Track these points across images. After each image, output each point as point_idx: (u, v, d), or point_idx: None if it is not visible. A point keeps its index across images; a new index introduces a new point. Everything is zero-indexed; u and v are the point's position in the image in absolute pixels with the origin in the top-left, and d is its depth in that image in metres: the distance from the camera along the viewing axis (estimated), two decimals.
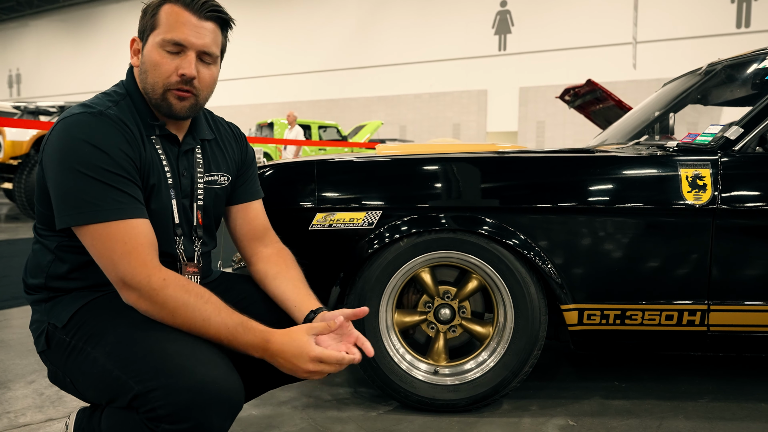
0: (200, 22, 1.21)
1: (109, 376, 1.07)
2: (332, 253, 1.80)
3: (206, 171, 1.34)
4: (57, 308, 1.21)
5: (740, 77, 2.32)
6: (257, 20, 23.33)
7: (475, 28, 19.91)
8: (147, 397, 1.02)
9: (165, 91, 1.21)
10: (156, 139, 1.25)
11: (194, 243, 1.32)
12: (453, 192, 1.78)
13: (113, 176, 1.12)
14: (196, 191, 1.31)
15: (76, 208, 1.10)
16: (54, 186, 1.13)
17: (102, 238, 1.10)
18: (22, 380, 2.08)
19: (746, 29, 16.54)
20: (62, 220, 1.12)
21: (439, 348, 1.86)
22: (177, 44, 1.19)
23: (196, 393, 1.01)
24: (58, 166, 1.12)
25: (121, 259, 1.10)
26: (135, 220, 1.13)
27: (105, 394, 1.10)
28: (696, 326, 1.77)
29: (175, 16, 1.19)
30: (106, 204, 1.10)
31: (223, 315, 1.12)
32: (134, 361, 1.06)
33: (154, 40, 1.20)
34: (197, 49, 1.20)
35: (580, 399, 1.95)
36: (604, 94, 4.21)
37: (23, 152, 6.91)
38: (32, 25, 31.18)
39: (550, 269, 1.75)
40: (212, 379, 1.03)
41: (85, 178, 1.10)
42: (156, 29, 1.20)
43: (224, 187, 1.38)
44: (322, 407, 1.88)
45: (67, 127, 1.13)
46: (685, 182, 1.71)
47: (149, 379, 1.03)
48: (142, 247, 1.11)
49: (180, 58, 1.20)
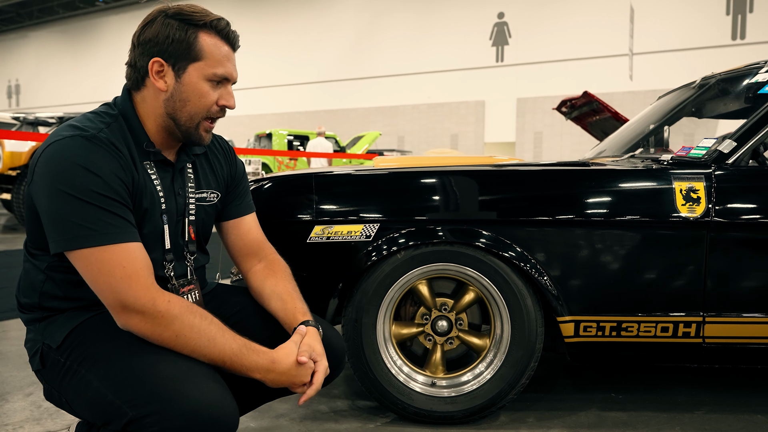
0: (233, 54, 1.25)
1: (103, 400, 1.07)
2: (330, 265, 1.81)
3: (197, 188, 1.34)
4: (51, 328, 1.20)
5: (733, 91, 2.35)
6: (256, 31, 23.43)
7: (473, 39, 20.02)
8: (141, 423, 1.03)
9: (202, 120, 1.23)
10: (149, 164, 1.23)
11: (186, 259, 1.32)
12: (450, 205, 1.79)
13: (107, 200, 1.10)
14: (188, 207, 1.31)
15: (69, 232, 1.08)
16: (46, 210, 1.10)
17: (98, 263, 1.08)
18: (19, 392, 2.08)
19: (741, 41, 16.65)
20: (56, 244, 1.10)
21: (437, 360, 1.87)
22: (225, 78, 1.23)
23: (189, 419, 1.02)
24: (50, 190, 1.09)
25: (121, 283, 1.08)
26: (131, 244, 1.11)
27: (100, 416, 1.10)
28: (691, 338, 1.78)
29: (218, 49, 1.21)
30: (101, 228, 1.08)
31: (227, 336, 1.13)
32: (128, 386, 1.06)
33: (201, 72, 1.20)
34: (234, 81, 1.25)
35: (577, 411, 1.96)
36: (601, 106, 4.24)
37: (22, 163, 6.92)
38: (32, 36, 31.27)
39: (547, 281, 1.76)
40: (206, 404, 1.04)
41: (79, 202, 1.08)
42: (200, 60, 1.20)
43: (213, 205, 1.38)
44: (320, 419, 1.88)
45: (58, 150, 1.10)
46: (679, 195, 1.73)
47: (143, 404, 1.03)
48: (142, 271, 1.10)
49: (219, 89, 1.23)
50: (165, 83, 1.20)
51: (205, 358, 1.11)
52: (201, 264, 1.38)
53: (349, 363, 1.80)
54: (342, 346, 1.40)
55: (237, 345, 1.13)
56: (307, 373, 1.20)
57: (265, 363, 1.15)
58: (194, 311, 1.13)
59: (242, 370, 1.13)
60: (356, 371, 1.83)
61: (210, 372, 1.11)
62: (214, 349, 1.11)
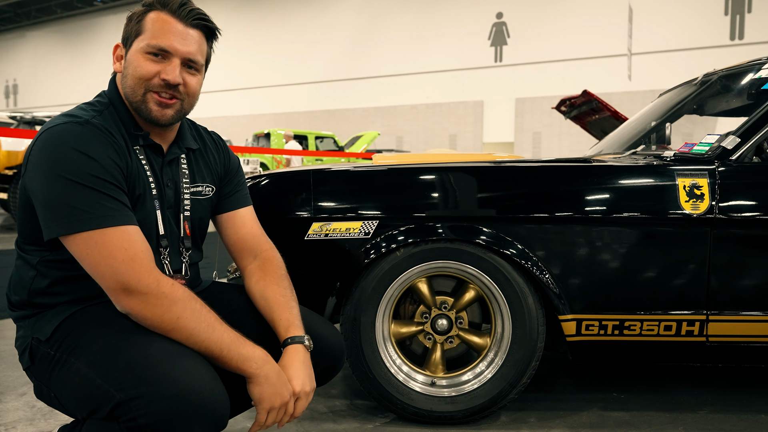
0: (186, 30, 1.21)
1: (91, 385, 1.05)
2: (328, 263, 1.78)
3: (192, 182, 1.33)
4: (40, 322, 1.19)
5: (736, 87, 2.33)
6: (254, 31, 23.42)
7: (472, 39, 20.02)
8: (128, 406, 0.99)
9: (145, 92, 1.20)
10: (140, 149, 1.23)
11: (182, 255, 1.31)
12: (450, 202, 1.77)
13: (104, 183, 1.09)
14: (183, 202, 1.30)
15: (66, 216, 1.07)
16: (41, 196, 1.09)
17: (98, 246, 1.07)
18: (13, 392, 2.05)
19: (740, 41, 16.66)
20: (51, 230, 1.08)
21: (437, 359, 1.85)
22: (162, 50, 1.19)
23: (177, 403, 0.98)
24: (45, 175, 1.08)
25: (123, 265, 1.06)
26: (130, 227, 1.11)
27: (87, 404, 1.07)
28: (695, 336, 1.76)
29: (161, 23, 1.19)
30: (99, 211, 1.07)
31: (225, 326, 1.12)
32: (117, 370, 1.03)
33: (138, 45, 1.20)
34: (182, 56, 1.21)
35: (579, 410, 1.94)
36: (600, 105, 4.22)
37: (19, 162, 6.90)
38: (29, 36, 31.23)
39: (548, 279, 1.74)
40: (196, 389, 1.01)
41: (75, 185, 1.07)
42: (141, 35, 1.20)
43: (209, 198, 1.37)
44: (318, 419, 1.86)
45: (52, 136, 1.10)
46: (682, 192, 1.71)
47: (131, 387, 1.00)
48: (143, 254, 1.10)
49: (163, 63, 1.20)
50: (120, 64, 1.24)
51: (202, 344, 1.09)
52: (195, 261, 1.37)
53: (348, 362, 1.77)
54: (340, 345, 1.37)
55: (234, 335, 1.12)
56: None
57: (262, 354, 1.13)
58: (195, 297, 1.12)
59: (239, 359, 1.11)
60: (355, 371, 1.80)
61: (201, 359, 1.08)
62: (212, 335, 1.09)
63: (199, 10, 1.23)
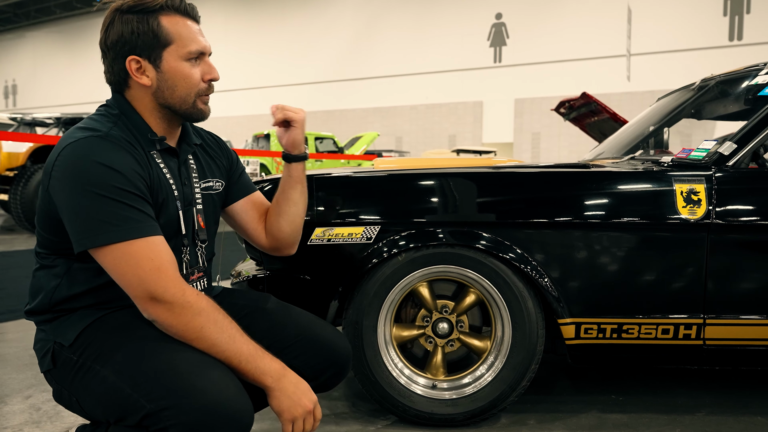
0: (198, 26, 1.26)
1: (119, 394, 1.07)
2: (331, 267, 1.80)
3: (201, 178, 1.36)
4: (63, 326, 1.20)
5: (733, 93, 2.35)
6: (253, 31, 23.42)
7: (471, 40, 20.04)
8: (159, 416, 1.02)
9: (196, 99, 1.25)
10: (157, 154, 1.25)
11: (197, 246, 1.34)
12: (450, 207, 1.79)
13: (129, 195, 1.12)
14: (195, 196, 1.33)
15: (94, 230, 1.09)
16: (68, 210, 1.11)
17: (126, 257, 1.09)
18: (18, 395, 2.07)
19: (739, 42, 16.69)
20: (80, 243, 1.11)
21: (437, 362, 1.87)
22: (200, 53, 1.24)
23: (207, 414, 1.02)
24: (71, 189, 1.10)
25: (150, 275, 1.09)
26: (155, 237, 1.13)
27: (114, 412, 1.10)
28: (692, 340, 1.78)
29: (183, 27, 1.22)
30: (125, 223, 1.10)
31: (245, 337, 1.15)
32: (146, 380, 1.06)
33: (176, 54, 1.21)
34: (209, 52, 1.27)
35: (578, 413, 1.96)
36: (599, 107, 4.24)
37: (19, 164, 6.91)
38: (29, 37, 31.19)
39: (547, 283, 1.76)
40: (224, 399, 1.04)
41: (101, 198, 1.09)
42: (172, 44, 1.20)
43: (219, 193, 1.42)
44: (321, 421, 1.87)
45: (75, 150, 1.12)
46: (680, 197, 1.73)
47: (161, 398, 1.03)
48: (168, 264, 1.12)
49: (201, 65, 1.25)
50: (148, 78, 1.22)
51: (222, 354, 1.12)
52: (210, 255, 1.40)
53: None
54: (347, 349, 1.40)
55: (254, 347, 1.15)
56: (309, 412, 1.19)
57: (279, 367, 1.16)
58: (218, 308, 1.15)
59: (255, 372, 1.14)
60: (357, 373, 1.82)
61: (225, 369, 1.11)
62: (233, 346, 1.12)
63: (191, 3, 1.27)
